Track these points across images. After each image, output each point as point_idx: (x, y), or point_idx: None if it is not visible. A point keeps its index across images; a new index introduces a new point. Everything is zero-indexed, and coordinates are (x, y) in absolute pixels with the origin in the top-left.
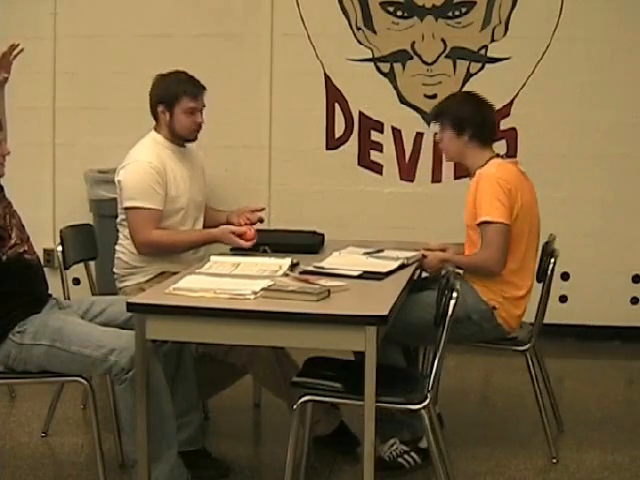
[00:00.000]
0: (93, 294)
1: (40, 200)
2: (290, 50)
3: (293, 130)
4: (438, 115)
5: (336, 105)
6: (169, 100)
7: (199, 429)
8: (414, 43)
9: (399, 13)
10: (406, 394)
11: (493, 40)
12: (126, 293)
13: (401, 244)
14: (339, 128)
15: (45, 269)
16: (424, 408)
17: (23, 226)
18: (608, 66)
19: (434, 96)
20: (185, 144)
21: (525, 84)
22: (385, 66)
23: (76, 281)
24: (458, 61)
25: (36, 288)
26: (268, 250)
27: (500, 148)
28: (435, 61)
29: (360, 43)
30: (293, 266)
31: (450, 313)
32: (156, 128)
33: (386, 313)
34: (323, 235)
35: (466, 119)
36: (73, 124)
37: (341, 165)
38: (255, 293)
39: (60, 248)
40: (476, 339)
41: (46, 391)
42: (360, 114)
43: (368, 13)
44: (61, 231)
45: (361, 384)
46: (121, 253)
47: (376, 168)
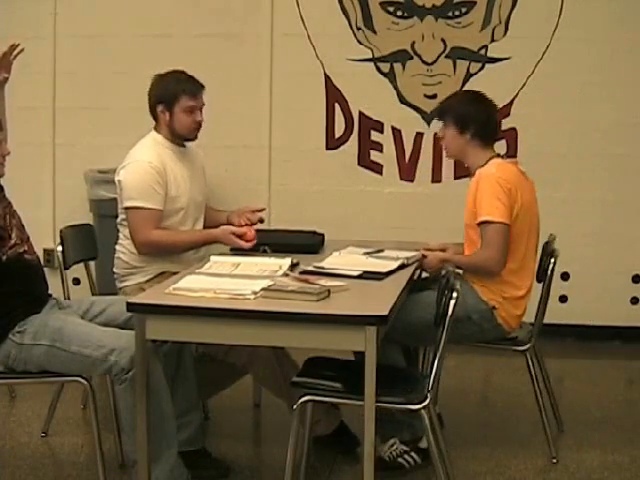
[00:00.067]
0: (93, 294)
1: (40, 200)
2: (290, 50)
3: (293, 130)
4: (442, 112)
5: (336, 105)
6: (168, 100)
7: (199, 429)
8: (414, 43)
9: (399, 13)
10: (406, 394)
11: (493, 40)
12: (126, 293)
13: (401, 244)
14: (339, 128)
15: (45, 269)
16: (424, 408)
17: (23, 226)
18: (608, 66)
19: (434, 96)
20: (185, 143)
21: (525, 84)
22: (385, 66)
23: (76, 281)
24: (458, 61)
25: (36, 288)
26: (268, 250)
27: (500, 148)
28: (435, 61)
29: (360, 43)
30: (293, 266)
31: (450, 313)
32: (156, 128)
33: (386, 313)
34: (323, 235)
35: (470, 117)
36: (73, 124)
37: (341, 165)
38: (255, 293)
39: (60, 248)
40: (476, 339)
41: (46, 391)
42: (360, 114)
43: (368, 13)
44: (61, 231)
45: (361, 384)
46: (121, 253)
47: (376, 168)
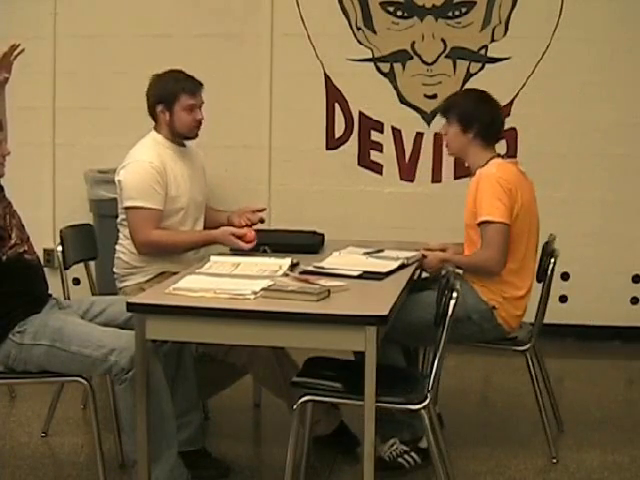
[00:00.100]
0: (93, 294)
1: (40, 200)
2: (290, 50)
3: (293, 130)
4: (447, 108)
5: (336, 105)
6: (168, 99)
7: (199, 429)
8: (414, 43)
9: (399, 13)
10: (406, 394)
11: (493, 40)
12: (126, 293)
13: (401, 244)
14: (339, 128)
15: (45, 269)
16: (424, 408)
17: (23, 226)
18: (608, 66)
19: (434, 96)
20: (185, 143)
21: (525, 84)
22: (385, 66)
23: (76, 281)
24: (458, 61)
25: (36, 288)
26: (268, 250)
27: (500, 148)
28: (435, 61)
29: (360, 43)
30: (293, 266)
31: (450, 313)
32: (156, 128)
33: (386, 313)
34: (323, 235)
35: (475, 117)
36: (73, 124)
37: (341, 165)
38: (255, 293)
39: (60, 248)
40: (476, 339)
41: (46, 391)
42: (360, 114)
43: (368, 13)
44: (61, 231)
45: (361, 384)
46: (121, 253)
47: (376, 168)
